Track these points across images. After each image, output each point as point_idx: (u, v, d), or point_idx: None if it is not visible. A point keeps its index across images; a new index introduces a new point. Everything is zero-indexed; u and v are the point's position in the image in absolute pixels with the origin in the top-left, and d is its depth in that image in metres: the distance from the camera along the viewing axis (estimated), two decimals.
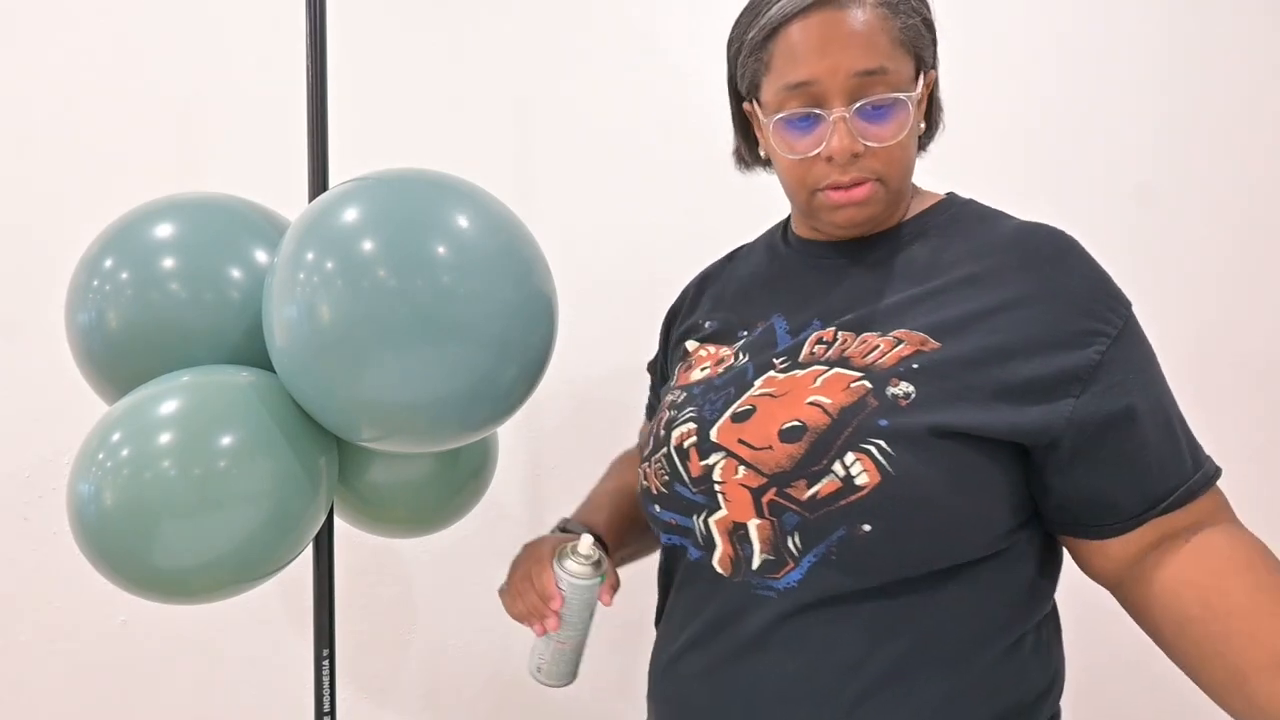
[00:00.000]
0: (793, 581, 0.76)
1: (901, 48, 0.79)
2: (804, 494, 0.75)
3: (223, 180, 1.24)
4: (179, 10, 1.57)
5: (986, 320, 0.76)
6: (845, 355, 0.80)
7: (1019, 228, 0.83)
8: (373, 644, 1.63)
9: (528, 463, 1.65)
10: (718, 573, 0.81)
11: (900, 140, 0.80)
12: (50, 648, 1.52)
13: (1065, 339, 0.75)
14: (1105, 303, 0.77)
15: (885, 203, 0.84)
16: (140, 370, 0.98)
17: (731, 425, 0.81)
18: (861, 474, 0.73)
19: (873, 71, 0.77)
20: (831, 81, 0.78)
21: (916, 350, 0.77)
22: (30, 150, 1.52)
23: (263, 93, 1.56)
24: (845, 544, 0.74)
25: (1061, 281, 0.77)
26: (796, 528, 0.76)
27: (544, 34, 1.66)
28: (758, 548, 0.78)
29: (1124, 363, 0.75)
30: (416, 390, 0.90)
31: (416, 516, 1.20)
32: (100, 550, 0.90)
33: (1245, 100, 1.70)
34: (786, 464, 0.76)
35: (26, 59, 1.53)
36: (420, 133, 1.63)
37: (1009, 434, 0.74)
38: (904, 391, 0.75)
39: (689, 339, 0.98)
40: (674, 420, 0.88)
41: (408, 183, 0.95)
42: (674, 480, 0.85)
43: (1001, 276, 0.78)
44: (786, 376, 0.81)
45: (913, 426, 0.73)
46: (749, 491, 0.78)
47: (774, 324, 0.89)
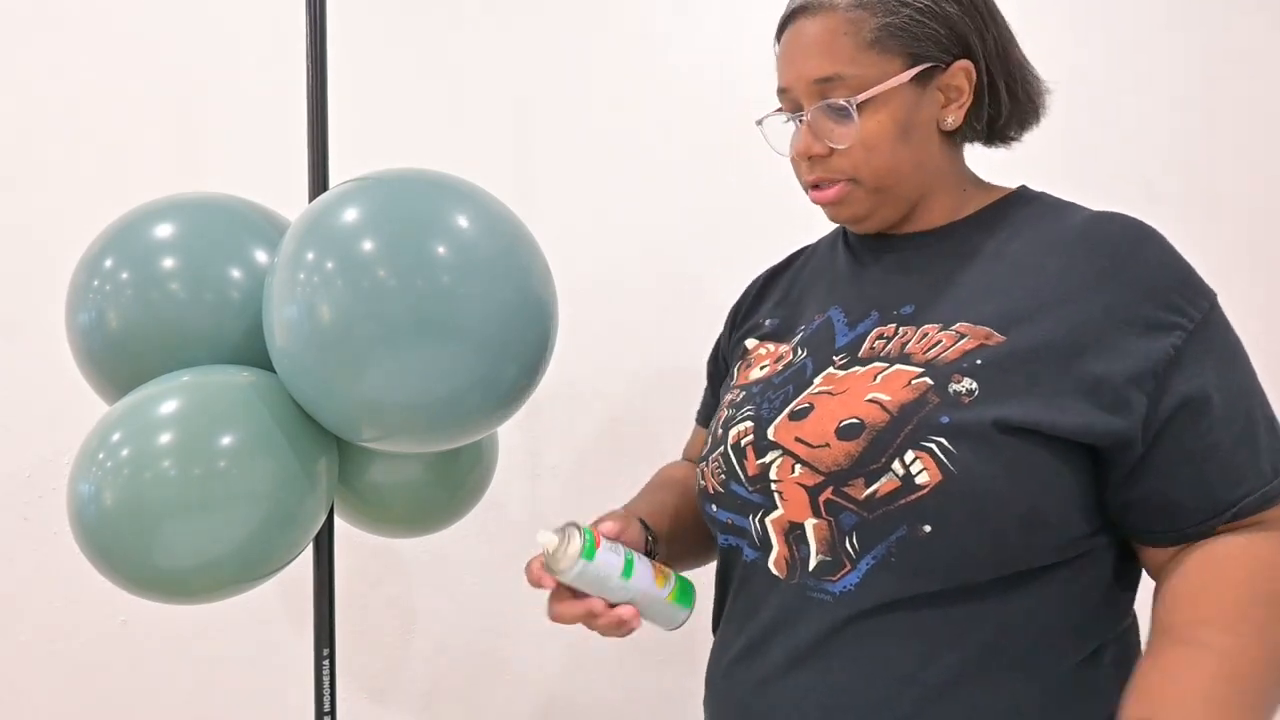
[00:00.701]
0: (850, 584, 0.74)
1: (873, 49, 0.79)
2: (862, 493, 0.72)
3: (223, 180, 1.24)
4: (179, 10, 1.57)
5: (1053, 312, 0.73)
6: (906, 351, 0.77)
7: (1091, 217, 0.79)
8: (373, 644, 1.63)
9: (528, 463, 1.65)
10: (773, 575, 0.79)
11: (862, 141, 0.79)
12: (50, 648, 1.52)
13: (1138, 333, 0.71)
14: (1183, 293, 0.73)
15: (866, 203, 0.83)
16: (140, 370, 0.98)
17: (789, 423, 0.79)
18: (922, 472, 0.70)
19: (828, 79, 0.79)
20: (798, 88, 0.82)
21: (980, 344, 0.74)
22: (31, 150, 1.52)
23: (263, 93, 1.56)
24: (905, 545, 0.71)
25: (1135, 271, 0.73)
26: (854, 528, 0.73)
27: (544, 34, 1.66)
28: (814, 548, 0.76)
29: (1201, 356, 0.71)
30: (416, 390, 0.90)
31: (416, 516, 1.20)
32: (100, 550, 0.90)
33: (1255, 99, 1.70)
34: (844, 462, 0.74)
35: (27, 59, 1.53)
36: (420, 133, 1.63)
37: (1079, 433, 0.70)
38: (967, 389, 0.72)
39: (749, 337, 0.97)
40: (732, 419, 0.86)
41: (408, 183, 0.95)
42: (730, 479, 0.83)
43: (1070, 267, 0.75)
44: (847, 374, 0.79)
45: (976, 422, 0.70)
46: (805, 490, 0.76)
47: (831, 317, 0.87)
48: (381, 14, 1.63)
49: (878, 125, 0.80)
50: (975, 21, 0.82)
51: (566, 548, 0.81)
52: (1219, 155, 1.69)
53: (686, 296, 1.63)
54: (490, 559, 1.61)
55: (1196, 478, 0.71)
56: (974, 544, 0.71)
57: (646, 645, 1.51)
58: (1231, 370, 0.73)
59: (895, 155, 0.81)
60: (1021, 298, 0.75)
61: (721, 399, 0.94)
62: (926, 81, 0.81)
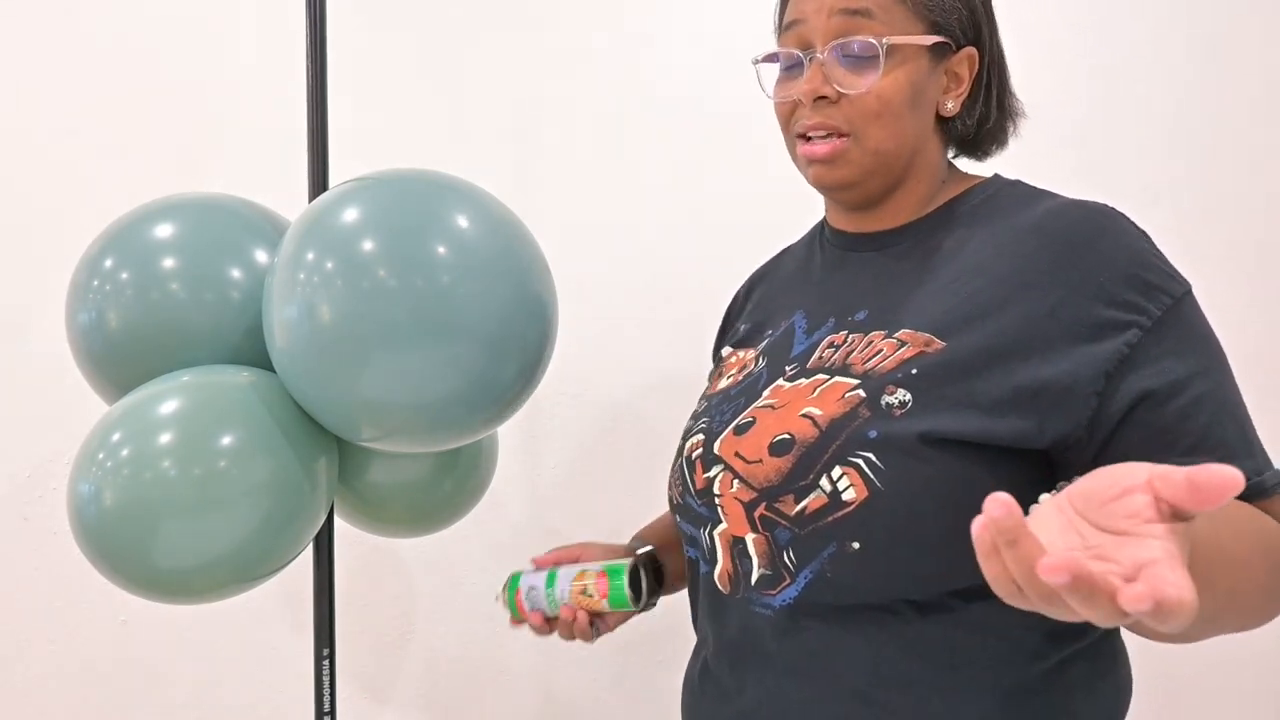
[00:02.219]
0: (789, 598, 0.73)
1: (904, 5, 0.76)
2: (792, 509, 0.72)
3: (223, 180, 1.24)
4: (179, 10, 1.57)
5: (997, 316, 0.70)
6: (848, 362, 0.76)
7: (1049, 210, 0.74)
8: (373, 644, 1.63)
9: (528, 463, 1.65)
10: (718, 589, 0.79)
11: (877, 93, 0.75)
12: (50, 648, 1.52)
13: (1087, 335, 0.67)
14: (1140, 289, 0.68)
15: (860, 166, 0.78)
16: (140, 370, 0.98)
17: (733, 438, 0.79)
18: (849, 489, 0.69)
19: (856, 11, 0.75)
20: (816, 20, 0.76)
21: (919, 352, 0.71)
22: (31, 151, 1.52)
23: (263, 93, 1.56)
24: (836, 562, 0.70)
25: (1086, 269, 0.69)
26: (789, 543, 0.72)
27: (544, 34, 1.66)
28: (756, 562, 0.75)
29: (1161, 354, 0.67)
30: (416, 390, 0.90)
31: (416, 516, 1.20)
32: (100, 550, 0.90)
33: (1256, 101, 1.70)
34: (775, 478, 0.73)
35: (27, 59, 1.53)
36: (420, 133, 1.63)
37: (1016, 440, 0.67)
38: (899, 400, 0.70)
39: (727, 344, 0.96)
40: (690, 430, 0.87)
41: (407, 183, 0.95)
42: (685, 492, 0.84)
43: (1021, 267, 0.71)
44: (791, 386, 0.78)
45: (902, 436, 0.68)
46: (742, 505, 0.76)
47: (794, 323, 0.85)
48: (381, 14, 1.63)
49: (894, 81, 0.76)
50: (988, 16, 0.82)
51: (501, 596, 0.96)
52: (1222, 156, 1.69)
53: (687, 296, 1.63)
54: (490, 559, 1.61)
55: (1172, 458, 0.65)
56: (904, 560, 0.69)
57: (646, 646, 1.51)
58: (1201, 361, 0.68)
59: (901, 120, 0.78)
60: (967, 301, 0.72)
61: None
62: (938, 59, 0.78)
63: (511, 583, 0.96)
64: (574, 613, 0.91)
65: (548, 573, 0.93)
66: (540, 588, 0.92)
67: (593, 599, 0.89)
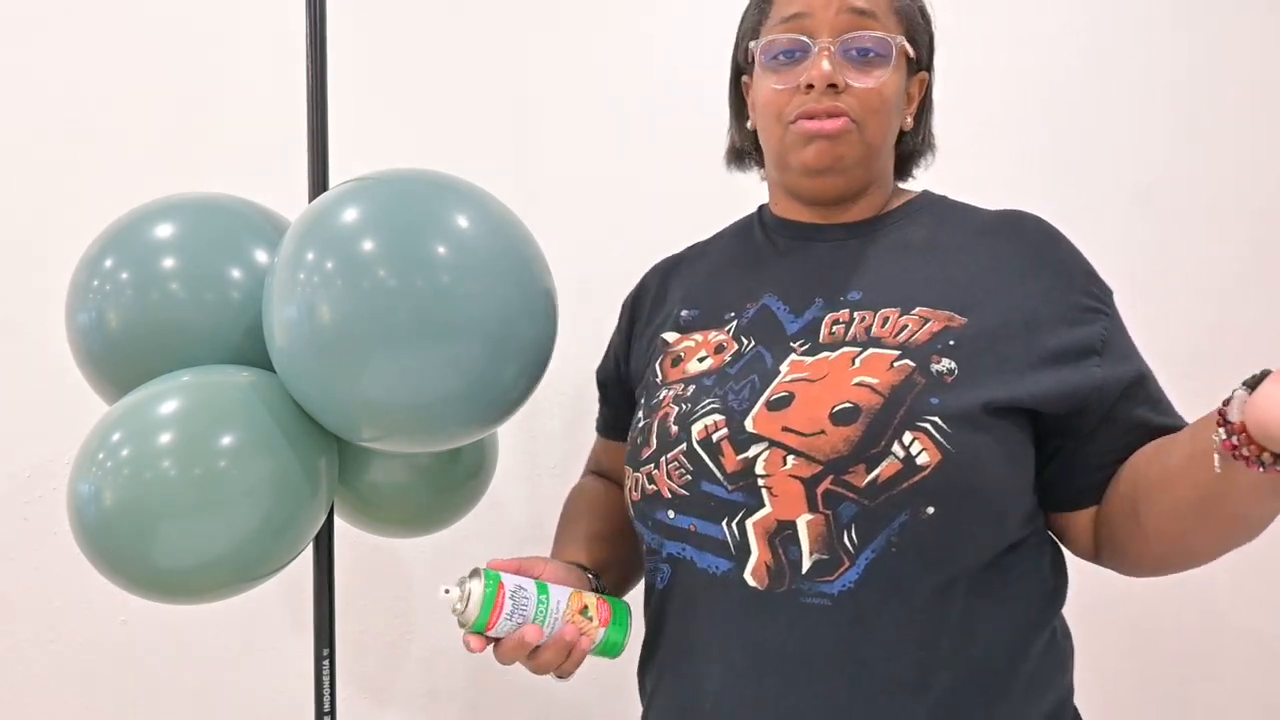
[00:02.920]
0: (849, 582, 0.70)
1: (898, 16, 0.83)
2: (863, 480, 0.70)
3: (223, 180, 1.24)
4: (179, 10, 1.57)
5: (999, 296, 0.77)
6: (874, 335, 0.77)
7: (1003, 213, 0.85)
8: (373, 644, 1.63)
9: (528, 463, 1.65)
10: (750, 587, 0.73)
11: (880, 88, 0.81)
12: (50, 648, 1.52)
13: (1074, 315, 0.77)
14: (1097, 285, 0.80)
15: (857, 152, 0.82)
16: (140, 370, 0.98)
17: (769, 414, 0.75)
18: (922, 453, 0.70)
19: (864, 11, 0.80)
20: (824, 14, 0.80)
21: (945, 326, 0.76)
22: (31, 150, 1.52)
23: (263, 92, 1.56)
24: (907, 530, 0.70)
25: (1057, 264, 0.79)
26: (854, 519, 0.70)
27: (544, 34, 1.66)
28: (807, 548, 0.71)
29: (1122, 342, 0.79)
30: (416, 390, 0.90)
31: (416, 516, 1.20)
32: (100, 550, 0.90)
33: (1249, 102, 1.70)
34: (844, 448, 0.71)
35: (27, 59, 1.53)
36: (420, 133, 1.63)
37: (1051, 402, 0.74)
38: (948, 368, 0.73)
39: (665, 331, 0.93)
40: (691, 413, 0.80)
41: (407, 183, 0.95)
42: (701, 478, 0.76)
43: (998, 257, 0.80)
44: (816, 359, 0.77)
45: (965, 403, 0.72)
46: (801, 483, 0.72)
47: (767, 304, 0.85)
48: (381, 14, 1.63)
49: (893, 81, 0.82)
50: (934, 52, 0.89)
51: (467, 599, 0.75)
52: (1216, 156, 1.69)
53: None
54: (490, 559, 1.61)
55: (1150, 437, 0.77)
56: (972, 522, 0.72)
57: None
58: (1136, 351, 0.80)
59: (890, 118, 0.84)
60: (967, 283, 0.79)
61: (652, 398, 0.87)
62: (910, 74, 0.86)
63: (490, 578, 0.77)
64: (577, 634, 0.79)
65: (535, 581, 0.79)
66: (531, 595, 0.76)
67: (592, 623, 0.78)
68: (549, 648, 0.79)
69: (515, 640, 0.78)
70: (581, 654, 0.80)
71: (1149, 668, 1.69)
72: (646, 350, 0.95)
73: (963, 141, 1.05)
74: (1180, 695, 1.69)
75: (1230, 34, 1.70)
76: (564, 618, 0.77)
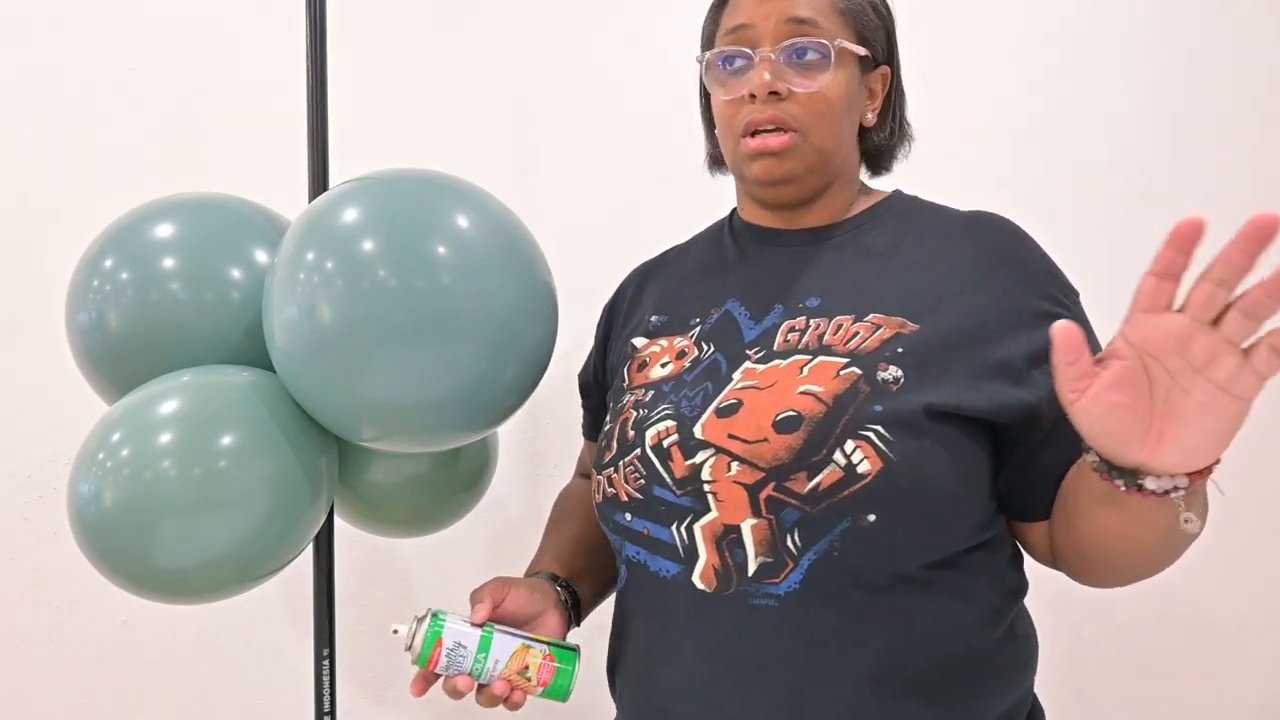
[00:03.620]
0: (794, 584, 0.72)
1: (843, 17, 0.83)
2: (804, 487, 0.71)
3: (223, 180, 1.24)
4: (179, 10, 1.57)
5: (954, 302, 0.77)
6: (825, 342, 0.78)
7: (969, 215, 0.84)
8: (373, 644, 1.63)
9: (528, 463, 1.65)
10: (698, 590, 0.75)
11: (823, 91, 0.81)
12: (50, 648, 1.52)
13: (1029, 320, 0.76)
14: (1058, 287, 0.79)
15: (806, 162, 0.83)
16: (140, 370, 0.98)
17: (718, 420, 0.77)
18: (863, 461, 0.70)
19: (804, 20, 0.80)
20: (764, 25, 0.82)
21: (896, 333, 0.76)
22: (31, 151, 1.52)
23: (263, 93, 1.56)
24: (849, 536, 0.71)
25: (1019, 266, 0.78)
26: (796, 524, 0.72)
27: (544, 34, 1.66)
28: (752, 551, 0.73)
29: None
30: (416, 390, 0.90)
31: (416, 516, 1.20)
32: (100, 550, 0.90)
33: (1243, 101, 1.70)
34: (785, 456, 0.72)
35: (27, 59, 1.53)
36: (420, 133, 1.63)
37: (995, 411, 0.73)
38: (893, 376, 0.74)
39: (635, 336, 0.94)
40: (646, 419, 0.82)
41: (408, 183, 0.95)
42: (652, 483, 0.79)
43: (961, 261, 0.79)
44: (767, 367, 0.79)
45: (907, 410, 0.72)
46: (744, 489, 0.73)
47: (729, 310, 0.86)
48: (381, 14, 1.63)
49: (838, 83, 0.82)
50: (894, 41, 0.88)
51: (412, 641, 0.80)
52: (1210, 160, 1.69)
53: None
54: (490, 559, 1.61)
55: None
56: (914, 530, 0.72)
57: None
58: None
59: (840, 121, 0.84)
60: (923, 289, 0.78)
61: (617, 402, 0.89)
62: (864, 71, 0.85)
63: (433, 627, 0.80)
64: (510, 689, 0.81)
65: (480, 635, 0.80)
66: (470, 651, 0.79)
67: (529, 683, 0.80)
68: (483, 694, 0.82)
69: (449, 686, 0.81)
70: (516, 705, 0.83)
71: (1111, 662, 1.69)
72: (619, 355, 0.97)
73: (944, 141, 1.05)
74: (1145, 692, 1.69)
75: (1231, 34, 1.70)
76: (500, 674, 0.80)
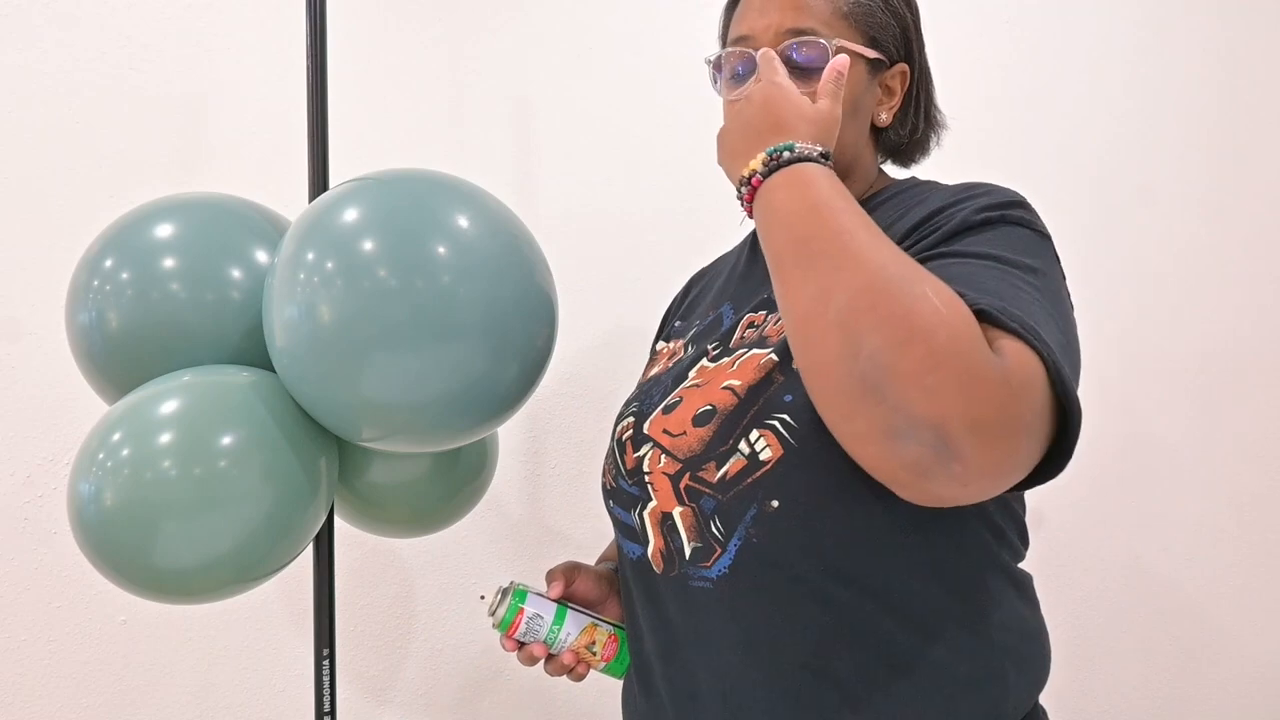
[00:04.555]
0: (724, 567, 0.74)
1: (846, 20, 0.82)
2: (714, 475, 0.75)
3: (223, 180, 1.24)
4: (180, 10, 1.57)
5: None
6: (765, 334, 0.80)
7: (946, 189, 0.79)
8: (373, 644, 1.63)
9: (528, 463, 1.65)
10: (653, 570, 0.81)
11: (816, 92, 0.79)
12: (50, 648, 1.52)
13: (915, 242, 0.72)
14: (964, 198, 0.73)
15: None
16: (140, 370, 0.98)
17: (661, 417, 0.83)
18: (765, 449, 0.73)
19: (802, 31, 0.81)
20: (764, 35, 0.83)
21: None
22: (31, 151, 1.52)
23: (263, 93, 1.56)
24: (759, 522, 0.72)
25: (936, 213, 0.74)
26: (715, 511, 0.75)
27: (544, 34, 1.66)
28: (685, 536, 0.77)
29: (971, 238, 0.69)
30: (417, 391, 0.90)
31: (416, 516, 1.20)
32: (100, 550, 0.90)
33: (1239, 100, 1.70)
34: (697, 447, 0.77)
35: (27, 59, 1.53)
36: (420, 133, 1.63)
37: None
38: None
39: (660, 340, 1.01)
40: (621, 415, 0.91)
41: (408, 183, 0.95)
42: (617, 474, 0.86)
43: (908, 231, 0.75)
44: (716, 364, 0.82)
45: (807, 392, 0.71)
46: (669, 479, 0.78)
47: (721, 312, 0.90)
48: (381, 14, 1.63)
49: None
50: (918, 35, 0.87)
51: (496, 609, 0.90)
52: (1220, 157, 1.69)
53: None
54: (490, 559, 1.61)
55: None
56: (824, 516, 0.71)
57: None
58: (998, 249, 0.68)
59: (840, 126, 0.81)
60: None
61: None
62: (874, 73, 0.85)
63: (516, 598, 0.90)
64: (576, 661, 0.91)
65: (556, 608, 0.90)
66: (546, 622, 0.90)
67: (594, 658, 0.90)
68: (553, 663, 0.91)
69: (525, 653, 0.91)
70: (579, 677, 0.92)
71: None
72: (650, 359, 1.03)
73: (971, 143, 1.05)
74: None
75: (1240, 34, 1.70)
76: (569, 646, 0.90)
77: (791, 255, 0.64)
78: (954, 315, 0.56)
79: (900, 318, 0.56)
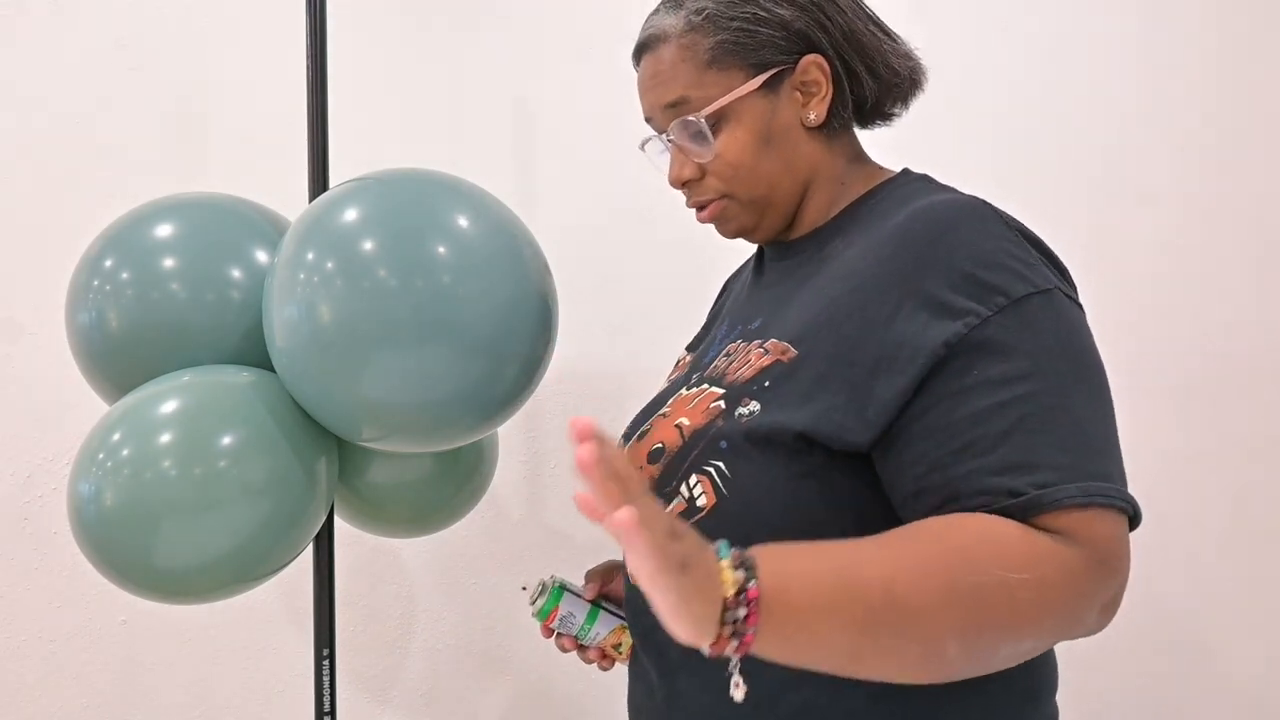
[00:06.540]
0: None
1: (713, 67, 0.79)
2: None
3: (223, 180, 1.24)
4: (180, 10, 1.57)
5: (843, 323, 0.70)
6: (724, 371, 0.79)
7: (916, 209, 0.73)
8: (373, 644, 1.63)
9: (528, 463, 1.65)
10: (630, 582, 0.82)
11: (722, 155, 0.80)
12: (50, 648, 1.52)
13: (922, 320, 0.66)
14: (974, 288, 0.66)
15: (747, 214, 0.83)
16: (141, 370, 0.98)
17: (636, 444, 0.84)
18: (701, 495, 0.73)
19: (675, 103, 0.81)
20: (656, 117, 0.84)
21: (775, 361, 0.73)
22: (31, 151, 1.52)
23: (263, 93, 1.56)
24: None
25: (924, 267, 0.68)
26: None
27: (544, 34, 1.66)
28: None
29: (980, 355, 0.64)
30: (416, 390, 0.90)
31: (416, 516, 1.20)
32: (100, 550, 0.90)
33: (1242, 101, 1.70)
34: (649, 484, 0.77)
35: (28, 59, 1.53)
36: (420, 133, 1.63)
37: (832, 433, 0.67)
38: (750, 410, 0.72)
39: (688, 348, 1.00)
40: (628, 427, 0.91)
41: (408, 183, 0.95)
42: None
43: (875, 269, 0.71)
44: (688, 394, 0.82)
45: (740, 441, 0.71)
46: None
47: (718, 333, 0.90)
48: (381, 14, 1.63)
49: (734, 139, 0.80)
50: (814, 15, 0.80)
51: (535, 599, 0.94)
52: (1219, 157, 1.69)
53: (688, 296, 1.63)
54: (490, 559, 1.61)
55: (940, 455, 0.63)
56: None
57: None
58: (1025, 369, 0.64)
59: (760, 165, 0.81)
60: (826, 308, 0.73)
61: None
62: (778, 85, 0.80)
63: (553, 595, 0.93)
64: (601, 656, 0.94)
65: (589, 608, 0.94)
66: (579, 620, 0.94)
67: (620, 655, 0.94)
68: (582, 654, 0.95)
69: (560, 642, 0.95)
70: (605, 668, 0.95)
71: None
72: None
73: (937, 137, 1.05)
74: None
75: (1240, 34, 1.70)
76: (598, 643, 0.94)
77: (866, 648, 0.58)
78: (1029, 575, 0.59)
79: (1007, 627, 0.60)
